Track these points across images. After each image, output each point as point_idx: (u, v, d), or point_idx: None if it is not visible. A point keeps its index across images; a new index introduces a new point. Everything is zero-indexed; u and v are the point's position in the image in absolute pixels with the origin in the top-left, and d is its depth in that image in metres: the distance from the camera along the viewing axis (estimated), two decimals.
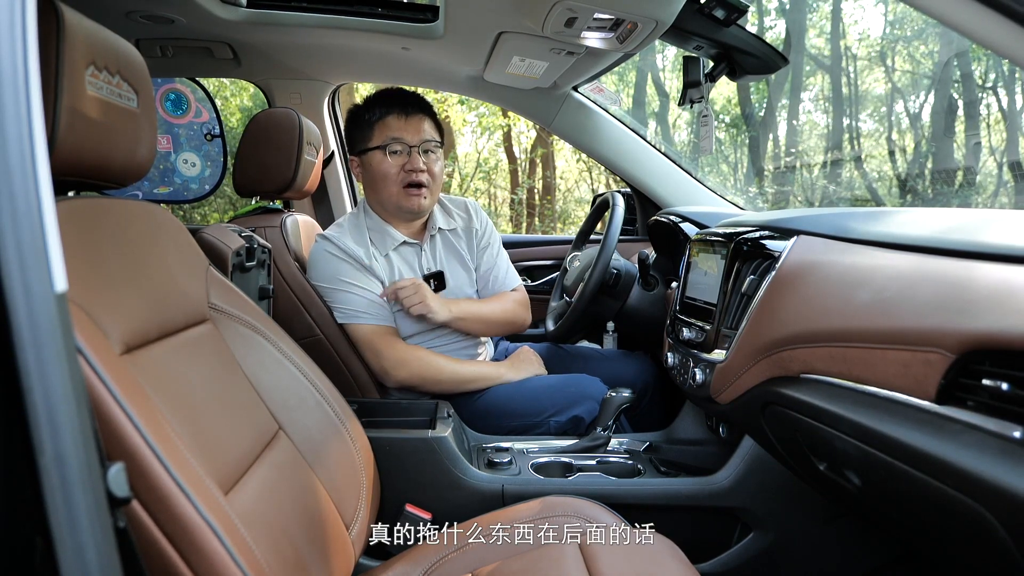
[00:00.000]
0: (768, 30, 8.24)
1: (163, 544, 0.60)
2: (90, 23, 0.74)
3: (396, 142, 1.51)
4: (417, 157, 1.51)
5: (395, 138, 1.50)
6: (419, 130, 1.52)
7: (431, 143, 1.53)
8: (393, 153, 1.51)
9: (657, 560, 0.89)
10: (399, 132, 1.51)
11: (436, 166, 1.54)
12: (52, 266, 0.39)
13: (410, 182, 1.51)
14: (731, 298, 1.12)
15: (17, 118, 0.38)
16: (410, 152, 1.51)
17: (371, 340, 1.51)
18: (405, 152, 1.51)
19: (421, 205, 1.54)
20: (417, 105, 1.54)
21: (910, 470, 0.65)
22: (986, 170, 6.44)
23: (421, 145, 1.52)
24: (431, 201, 1.57)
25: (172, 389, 0.75)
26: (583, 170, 9.56)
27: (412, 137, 1.51)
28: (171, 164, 2.50)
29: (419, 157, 1.51)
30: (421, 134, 1.52)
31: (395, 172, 1.51)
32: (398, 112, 1.52)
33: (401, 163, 1.51)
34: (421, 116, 1.53)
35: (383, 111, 1.52)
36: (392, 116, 1.52)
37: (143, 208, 0.89)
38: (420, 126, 1.52)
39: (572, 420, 1.47)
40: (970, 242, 0.70)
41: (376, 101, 1.55)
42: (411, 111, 1.52)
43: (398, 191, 1.53)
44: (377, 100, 1.55)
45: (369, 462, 1.12)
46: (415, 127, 1.52)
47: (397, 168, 1.51)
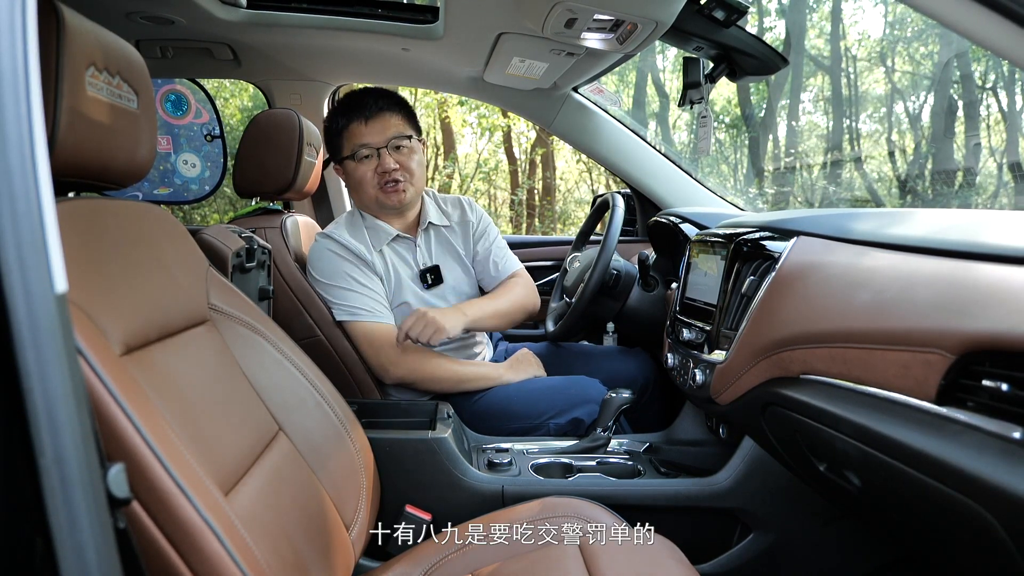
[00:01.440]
0: (768, 31, 8.25)
1: (163, 545, 0.60)
2: (90, 24, 0.74)
3: (363, 147, 1.53)
4: (387, 157, 1.53)
5: (361, 144, 1.53)
6: (384, 129, 1.53)
7: (400, 139, 1.54)
8: (363, 159, 1.54)
9: (657, 561, 0.89)
10: (364, 138, 1.53)
11: (411, 159, 1.56)
12: (52, 267, 0.39)
13: (385, 181, 1.54)
14: (731, 299, 1.12)
15: (17, 119, 0.38)
16: (379, 153, 1.53)
17: (370, 337, 1.51)
18: (374, 155, 1.54)
19: (402, 200, 1.57)
20: (378, 104, 1.54)
21: (910, 471, 0.65)
22: (986, 171, 6.44)
23: (389, 144, 1.53)
24: (413, 192, 1.59)
25: (172, 390, 0.75)
26: (583, 171, 9.56)
27: (377, 138, 1.53)
28: (171, 165, 2.50)
29: (389, 157, 1.53)
30: (387, 132, 1.53)
31: (369, 176, 1.55)
32: (358, 118, 1.53)
33: (373, 166, 1.54)
34: (384, 114, 1.54)
35: (346, 120, 1.55)
36: (355, 123, 1.54)
37: (143, 209, 0.89)
38: (385, 125, 1.53)
39: (572, 422, 1.47)
40: (970, 243, 0.70)
41: (338, 110, 1.57)
42: (372, 113, 1.53)
43: (376, 191, 1.56)
44: (339, 109, 1.57)
45: (369, 463, 1.12)
46: (379, 128, 1.53)
47: (371, 172, 1.54)
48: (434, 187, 8.52)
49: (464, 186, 9.07)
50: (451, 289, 1.65)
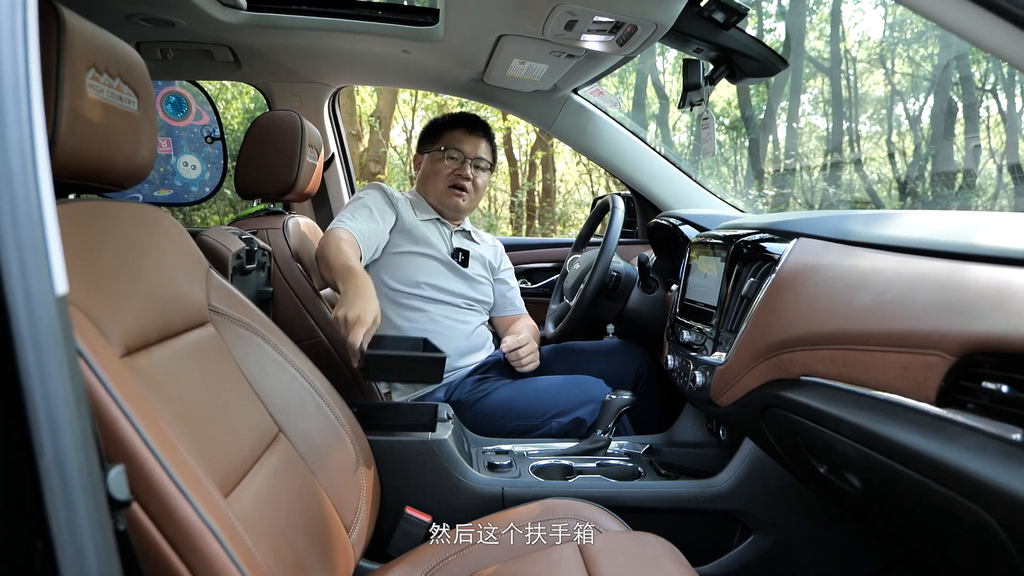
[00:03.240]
0: (768, 33, 8.25)
1: (163, 546, 0.60)
2: (91, 26, 0.74)
3: (455, 150, 1.77)
4: (467, 166, 1.77)
5: (457, 147, 1.77)
6: (477, 147, 1.79)
7: (483, 160, 1.80)
8: (450, 158, 1.77)
9: (657, 562, 0.89)
10: (460, 143, 1.77)
11: (480, 179, 1.81)
12: (53, 268, 0.39)
13: (455, 184, 1.76)
14: (731, 300, 1.12)
15: (18, 121, 0.38)
16: (464, 161, 1.77)
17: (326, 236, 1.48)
18: (460, 160, 1.77)
19: (459, 205, 1.78)
20: (480, 128, 1.81)
21: (910, 473, 0.65)
22: (986, 172, 6.45)
23: (474, 160, 1.78)
24: (469, 206, 1.81)
25: (172, 392, 0.75)
26: (583, 173, 9.57)
27: (470, 150, 1.78)
28: (171, 167, 2.51)
29: (469, 167, 1.77)
30: (478, 150, 1.79)
31: (447, 173, 1.76)
32: (465, 128, 1.79)
33: (454, 167, 1.76)
34: (481, 137, 1.80)
35: (454, 123, 1.80)
36: (460, 130, 1.78)
37: (143, 211, 0.89)
38: (479, 144, 1.79)
39: (574, 422, 1.47)
40: (970, 244, 0.70)
41: (451, 117, 1.83)
42: (475, 131, 1.79)
43: (444, 189, 1.76)
44: (451, 117, 1.83)
45: (369, 465, 1.12)
46: (474, 143, 1.78)
47: (450, 170, 1.76)
48: None
49: None
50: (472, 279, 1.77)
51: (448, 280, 1.72)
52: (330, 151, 2.31)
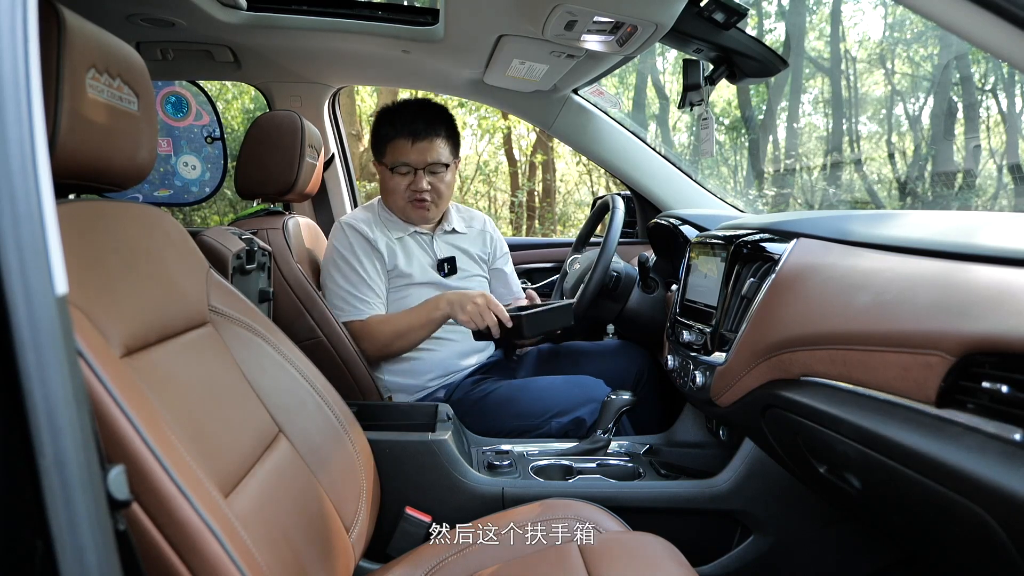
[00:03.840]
0: (768, 33, 8.25)
1: (163, 547, 0.60)
2: (91, 26, 0.74)
3: (403, 165, 1.62)
4: (422, 177, 1.62)
5: (403, 162, 1.62)
6: (426, 152, 1.61)
7: (437, 165, 1.63)
8: (400, 174, 1.63)
9: (657, 563, 0.89)
10: (405, 156, 1.61)
11: (443, 183, 1.66)
12: (53, 269, 0.39)
13: (415, 198, 1.64)
14: (731, 301, 1.12)
15: (18, 121, 0.38)
16: (416, 173, 1.62)
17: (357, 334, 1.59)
18: (411, 173, 1.63)
19: (425, 216, 1.68)
20: (428, 127, 1.60)
21: (910, 473, 0.65)
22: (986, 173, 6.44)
23: (427, 167, 1.62)
24: (438, 211, 1.70)
25: (172, 392, 0.75)
26: (583, 173, 9.56)
27: (418, 159, 1.61)
28: (171, 167, 2.50)
29: (423, 178, 1.62)
30: (428, 156, 1.61)
31: (402, 189, 1.64)
32: (406, 135, 1.60)
33: (407, 182, 1.63)
34: (431, 137, 1.61)
35: (394, 132, 1.62)
36: (401, 139, 1.61)
37: (143, 211, 0.89)
38: (429, 148, 1.61)
39: (574, 422, 1.47)
40: (970, 245, 0.70)
41: (390, 119, 1.63)
42: (420, 135, 1.60)
43: (405, 203, 1.66)
44: (390, 119, 1.63)
45: (369, 465, 1.12)
46: (422, 150, 1.61)
47: (404, 186, 1.64)
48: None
49: (464, 188, 9.07)
50: (465, 276, 1.73)
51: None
52: (330, 151, 2.31)
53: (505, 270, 1.86)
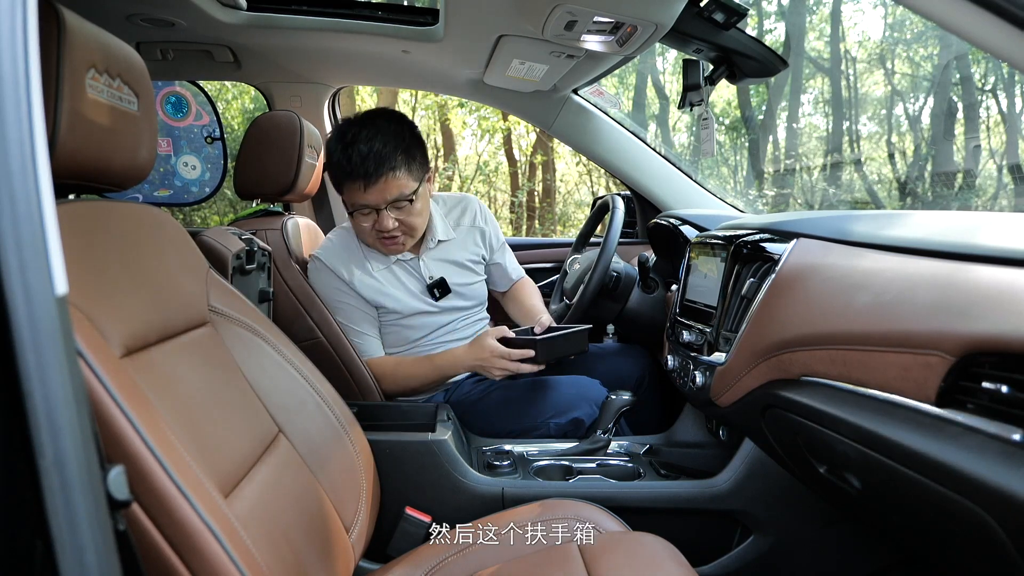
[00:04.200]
0: (768, 33, 8.25)
1: (163, 547, 0.60)
2: (91, 26, 0.74)
3: (362, 207, 1.46)
4: (386, 217, 1.46)
5: (360, 204, 1.46)
6: (384, 191, 1.43)
7: (400, 199, 1.45)
8: (362, 215, 1.48)
9: (657, 563, 0.89)
10: (361, 199, 1.44)
11: (412, 215, 1.49)
12: (52, 269, 0.39)
13: (383, 236, 1.50)
14: (731, 301, 1.12)
15: (18, 121, 0.38)
16: (379, 213, 1.46)
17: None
18: (373, 213, 1.47)
19: (400, 249, 1.56)
20: (379, 167, 1.40)
21: (910, 473, 0.65)
22: (986, 173, 6.45)
23: (391, 204, 1.45)
24: (413, 240, 1.56)
25: (172, 392, 0.75)
26: (583, 173, 9.56)
27: (377, 199, 1.44)
28: (171, 167, 2.50)
29: (388, 216, 1.46)
30: (388, 194, 1.43)
31: (368, 228, 1.50)
32: (356, 181, 1.42)
33: (371, 222, 1.48)
34: (385, 177, 1.41)
35: (343, 174, 1.44)
36: (352, 183, 1.43)
37: (143, 211, 0.89)
38: (386, 187, 1.42)
39: (572, 422, 1.47)
40: (970, 245, 0.70)
41: (335, 163, 1.45)
42: (371, 178, 1.40)
43: (374, 241, 1.54)
44: (336, 163, 1.44)
45: (369, 465, 1.12)
46: (378, 192, 1.42)
47: (369, 225, 1.49)
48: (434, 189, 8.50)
49: (464, 188, 9.07)
50: (459, 296, 1.66)
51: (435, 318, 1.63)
52: None
53: (503, 263, 1.79)
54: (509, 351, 1.43)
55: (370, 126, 1.43)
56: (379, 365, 1.58)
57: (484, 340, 1.47)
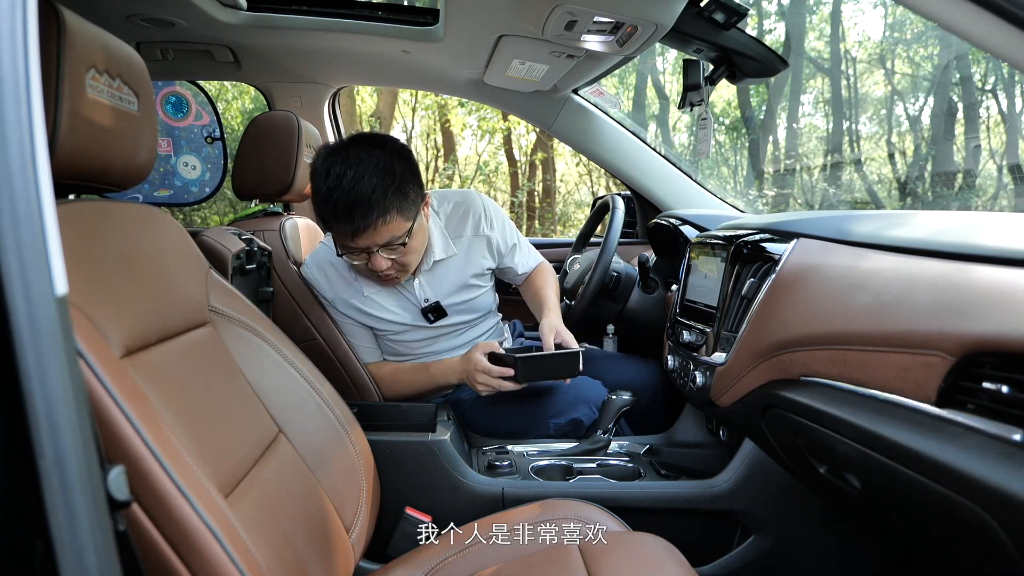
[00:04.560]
0: (768, 33, 8.25)
1: (163, 547, 0.60)
2: (91, 26, 0.74)
3: (353, 250, 1.36)
4: (379, 260, 1.35)
5: (351, 248, 1.35)
6: (375, 237, 1.31)
7: (393, 242, 1.33)
8: (354, 256, 1.38)
9: (657, 563, 0.89)
10: (354, 243, 1.33)
11: (407, 254, 1.38)
12: (52, 269, 0.39)
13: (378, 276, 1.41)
14: (731, 301, 1.12)
15: (18, 121, 0.38)
16: (371, 255, 1.35)
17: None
18: (365, 255, 1.36)
19: (397, 282, 1.47)
20: (365, 215, 1.27)
21: (910, 473, 0.65)
22: (986, 173, 6.44)
23: (383, 247, 1.34)
24: (409, 271, 1.45)
25: (172, 392, 0.75)
26: (583, 173, 9.56)
27: (367, 243, 1.32)
28: (171, 167, 2.50)
29: (381, 259, 1.35)
30: (378, 239, 1.31)
31: (363, 267, 1.40)
32: (346, 227, 1.29)
33: (364, 261, 1.38)
34: (373, 225, 1.28)
35: (328, 220, 1.32)
36: (340, 229, 1.32)
37: (143, 211, 0.89)
38: (375, 235, 1.30)
39: (571, 423, 1.47)
40: (970, 245, 0.70)
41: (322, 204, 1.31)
42: (359, 227, 1.28)
43: (370, 277, 1.46)
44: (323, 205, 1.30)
45: (369, 465, 1.12)
46: (368, 238, 1.31)
47: (362, 264, 1.39)
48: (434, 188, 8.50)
49: (464, 188, 9.07)
50: (458, 313, 1.59)
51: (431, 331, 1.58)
52: None
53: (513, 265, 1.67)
54: (490, 367, 1.38)
55: (355, 165, 1.28)
56: (376, 370, 1.58)
57: (472, 353, 1.43)
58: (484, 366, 1.39)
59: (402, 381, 1.56)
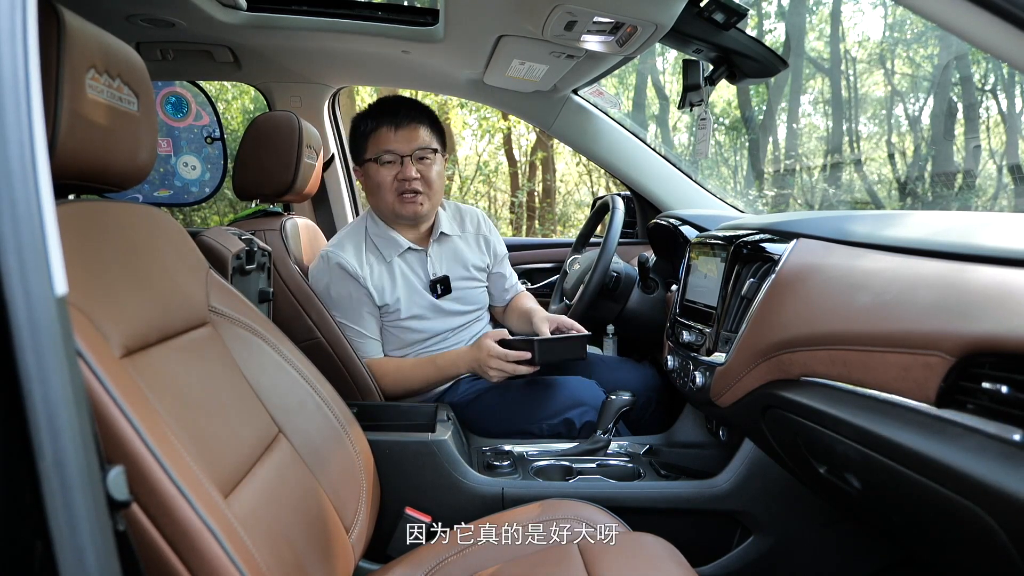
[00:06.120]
0: (768, 33, 8.25)
1: (163, 547, 0.60)
2: (91, 27, 0.74)
3: (388, 153, 1.54)
4: (410, 166, 1.53)
5: (387, 150, 1.53)
6: (411, 139, 1.54)
7: (425, 150, 1.55)
8: (386, 164, 1.54)
9: (657, 563, 0.89)
10: (390, 144, 1.53)
11: (432, 171, 1.56)
12: (52, 269, 0.39)
13: (404, 190, 1.55)
14: (731, 301, 1.12)
15: (18, 121, 0.38)
16: (403, 161, 1.54)
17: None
18: (398, 162, 1.54)
19: (417, 211, 1.57)
20: (409, 115, 1.55)
21: (910, 473, 0.65)
22: (986, 173, 6.45)
23: (414, 153, 1.54)
24: (430, 206, 1.60)
25: (172, 392, 0.75)
26: (583, 173, 9.56)
27: (404, 147, 1.53)
28: (171, 167, 2.51)
29: (411, 166, 1.53)
30: (414, 143, 1.54)
31: (389, 181, 1.55)
32: (388, 124, 1.54)
33: (394, 172, 1.54)
34: (414, 125, 1.54)
35: (375, 123, 1.55)
36: (384, 128, 1.54)
37: (143, 211, 0.89)
38: (413, 135, 1.54)
39: (564, 423, 1.48)
40: (970, 245, 0.70)
41: (369, 113, 1.58)
42: (402, 122, 1.53)
43: (394, 199, 1.56)
44: (370, 112, 1.58)
45: (369, 465, 1.12)
46: (407, 136, 1.53)
47: (391, 177, 1.55)
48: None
49: (464, 188, 9.07)
50: (458, 298, 1.67)
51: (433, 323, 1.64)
52: (330, 152, 2.31)
53: (504, 273, 1.81)
54: (506, 352, 1.44)
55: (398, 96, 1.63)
56: (379, 366, 1.58)
57: (483, 341, 1.49)
58: (498, 351, 1.45)
59: (406, 376, 1.57)
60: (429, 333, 1.63)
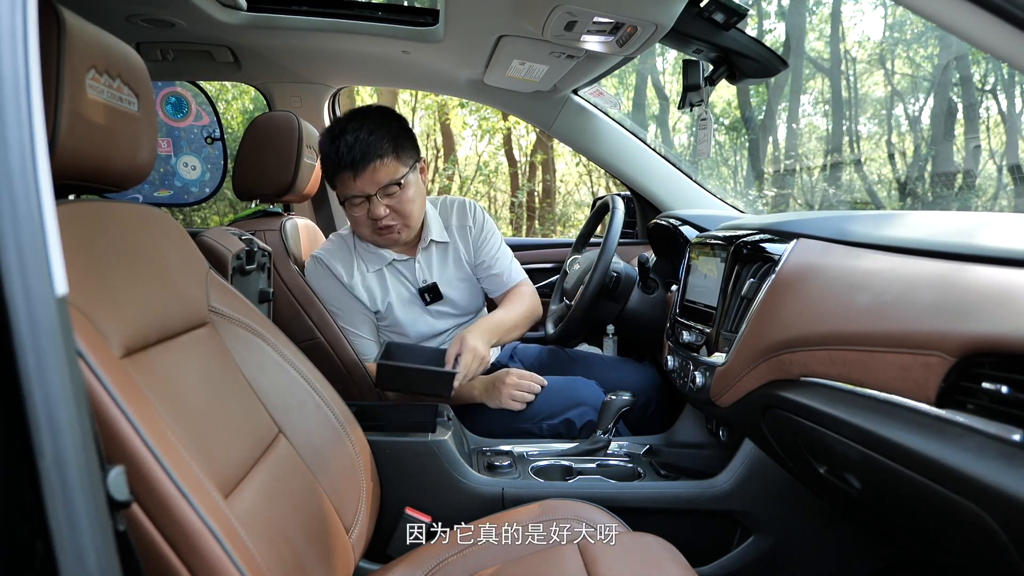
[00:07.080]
0: (768, 33, 8.25)
1: (163, 547, 0.60)
2: (91, 27, 0.74)
3: (355, 197, 1.49)
4: (378, 204, 1.48)
5: (351, 195, 1.49)
6: (373, 180, 1.46)
7: (390, 186, 1.47)
8: (355, 205, 1.50)
9: (657, 563, 0.89)
10: (353, 189, 1.47)
11: (404, 199, 1.50)
12: (52, 269, 0.39)
13: (378, 226, 1.51)
14: (731, 301, 1.12)
15: (18, 121, 0.38)
16: (371, 200, 1.48)
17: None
18: (366, 202, 1.49)
19: (396, 240, 1.56)
20: (366, 157, 1.44)
21: (910, 473, 0.65)
22: (986, 173, 6.45)
23: (381, 191, 1.48)
24: (409, 231, 1.56)
25: (172, 392, 0.75)
26: (583, 173, 9.57)
27: (368, 187, 1.46)
28: (171, 167, 2.51)
29: (380, 204, 1.48)
30: (377, 182, 1.46)
31: (363, 218, 1.51)
32: (346, 171, 1.46)
33: (364, 211, 1.50)
34: (373, 164, 1.44)
35: (333, 167, 1.48)
36: (342, 175, 1.47)
37: (143, 211, 0.89)
38: (374, 175, 1.45)
39: (564, 423, 1.48)
40: (970, 245, 0.70)
41: (326, 158, 1.49)
42: (359, 167, 1.44)
43: (371, 233, 1.54)
44: (326, 157, 1.49)
45: (369, 465, 1.12)
46: (368, 179, 1.45)
47: (363, 215, 1.51)
48: (434, 189, 8.52)
49: (464, 188, 9.07)
50: (450, 303, 1.66)
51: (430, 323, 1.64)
52: None
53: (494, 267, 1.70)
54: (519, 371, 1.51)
55: (358, 118, 1.47)
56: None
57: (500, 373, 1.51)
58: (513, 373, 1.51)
59: None
60: (424, 335, 1.64)
